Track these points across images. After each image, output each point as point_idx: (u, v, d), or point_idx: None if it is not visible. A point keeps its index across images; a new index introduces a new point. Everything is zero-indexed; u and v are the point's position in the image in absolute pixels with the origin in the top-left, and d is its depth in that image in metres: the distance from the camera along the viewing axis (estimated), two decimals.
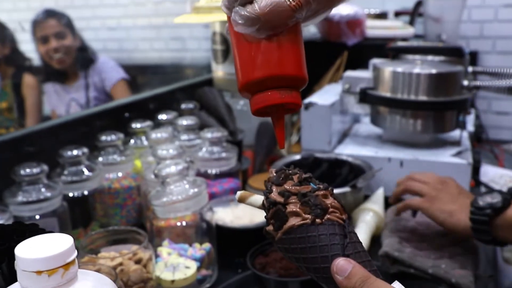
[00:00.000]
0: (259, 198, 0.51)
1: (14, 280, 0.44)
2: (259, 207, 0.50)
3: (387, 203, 1.19)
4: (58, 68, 2.27)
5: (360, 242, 0.49)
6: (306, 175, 0.51)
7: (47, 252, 0.42)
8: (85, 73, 2.32)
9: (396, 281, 0.47)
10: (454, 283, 0.90)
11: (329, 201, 0.49)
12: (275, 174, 0.51)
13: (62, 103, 2.33)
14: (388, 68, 1.36)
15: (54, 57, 2.23)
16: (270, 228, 0.49)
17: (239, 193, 0.52)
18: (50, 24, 2.24)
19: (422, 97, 1.33)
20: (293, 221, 0.47)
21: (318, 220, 0.47)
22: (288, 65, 0.50)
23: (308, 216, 0.47)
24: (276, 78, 0.50)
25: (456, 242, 1.04)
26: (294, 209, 0.47)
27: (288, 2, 0.47)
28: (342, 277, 0.45)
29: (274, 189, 0.49)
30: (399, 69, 1.35)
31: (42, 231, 0.58)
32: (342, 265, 0.45)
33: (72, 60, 2.28)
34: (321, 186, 0.50)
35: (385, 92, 1.38)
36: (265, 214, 0.50)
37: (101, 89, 2.34)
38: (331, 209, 0.48)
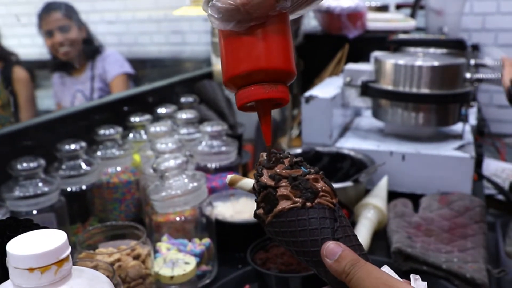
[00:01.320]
0: (249, 182, 0.50)
1: (6, 277, 0.42)
2: (250, 191, 0.50)
3: (390, 197, 1.18)
4: (64, 60, 2.28)
5: (350, 226, 0.49)
6: (297, 158, 0.50)
7: (40, 248, 0.40)
8: (92, 65, 2.33)
9: (385, 265, 0.46)
10: (469, 278, 0.89)
11: (320, 184, 0.48)
12: (265, 158, 0.50)
13: (69, 94, 2.35)
14: (390, 61, 1.35)
15: (59, 50, 2.24)
16: (260, 211, 0.49)
17: (229, 176, 0.52)
18: (54, 17, 2.25)
19: (424, 90, 1.32)
20: (284, 204, 0.47)
21: (308, 204, 0.47)
22: (273, 58, 0.48)
23: (299, 199, 0.47)
24: (259, 72, 0.48)
25: (465, 236, 1.02)
26: (284, 193, 0.47)
27: None
28: (332, 260, 0.45)
29: (264, 172, 0.49)
30: (401, 61, 1.33)
31: (37, 226, 0.56)
32: (332, 248, 0.45)
33: (78, 52, 2.29)
34: (312, 170, 0.49)
35: (386, 85, 1.37)
36: (255, 197, 0.49)
37: (105, 81, 2.36)
38: (321, 193, 0.48)
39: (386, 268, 0.46)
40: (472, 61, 1.57)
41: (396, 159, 1.30)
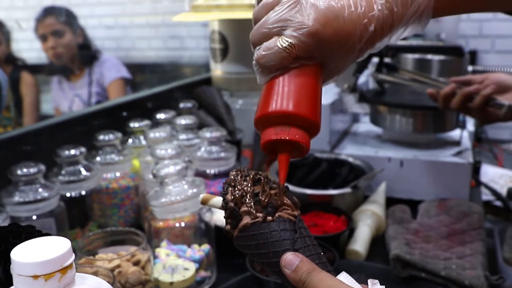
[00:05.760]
0: (219, 200, 0.53)
1: (10, 284, 0.43)
2: (220, 208, 0.52)
3: (388, 203, 1.18)
4: (59, 64, 2.29)
5: (311, 237, 0.51)
6: (260, 175, 0.52)
7: (44, 256, 0.41)
8: (89, 70, 2.34)
9: (343, 272, 0.49)
10: (467, 285, 0.89)
11: (281, 199, 0.51)
12: (231, 177, 0.53)
13: (67, 99, 2.36)
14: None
15: (51, 54, 2.25)
16: (228, 227, 0.52)
17: (201, 196, 0.54)
18: (48, 22, 2.26)
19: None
20: (246, 219, 0.50)
21: (269, 218, 0.49)
22: (287, 103, 0.50)
23: (260, 214, 0.49)
24: (276, 116, 0.51)
25: (463, 243, 1.03)
26: (246, 209, 0.50)
27: (280, 45, 0.49)
28: (290, 270, 0.47)
29: (229, 191, 0.51)
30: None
31: (39, 233, 0.57)
32: (290, 259, 0.47)
33: (71, 57, 2.30)
34: (274, 185, 0.52)
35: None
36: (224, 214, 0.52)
37: (102, 85, 2.37)
38: (282, 207, 0.50)
39: (343, 275, 0.48)
40: (470, 68, 1.58)
41: (394, 165, 1.31)
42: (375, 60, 1.44)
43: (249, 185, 0.51)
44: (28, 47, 2.69)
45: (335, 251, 0.93)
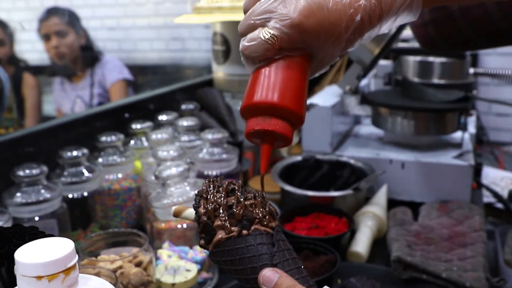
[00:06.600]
0: (193, 212, 0.50)
1: (14, 284, 0.43)
2: (193, 221, 0.49)
3: (389, 205, 1.18)
4: (62, 64, 2.30)
5: (290, 249, 0.48)
6: (234, 185, 0.50)
7: (48, 256, 0.41)
8: (91, 71, 2.35)
9: (325, 286, 0.47)
10: (468, 287, 0.89)
11: (257, 210, 0.48)
12: (203, 187, 0.50)
13: (69, 100, 2.37)
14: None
15: (54, 53, 2.26)
16: (202, 242, 0.49)
17: (173, 208, 0.51)
18: (52, 22, 2.28)
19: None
20: (220, 234, 0.47)
21: (244, 232, 0.47)
22: (272, 94, 0.49)
23: (235, 228, 0.47)
24: (260, 106, 0.49)
25: (464, 245, 1.03)
26: (220, 223, 0.47)
27: (262, 37, 0.48)
28: (269, 287, 0.45)
29: (202, 203, 0.49)
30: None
31: (42, 234, 0.57)
32: (268, 276, 0.45)
33: (74, 58, 2.31)
34: (249, 195, 0.49)
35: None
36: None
37: (104, 87, 2.37)
38: (258, 219, 0.48)
39: None
40: (471, 70, 1.58)
41: (395, 167, 1.31)
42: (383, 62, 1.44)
43: (222, 196, 0.48)
44: (30, 48, 2.70)
45: (336, 253, 0.94)
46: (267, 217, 0.48)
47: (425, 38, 0.93)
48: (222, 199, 0.48)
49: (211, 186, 0.50)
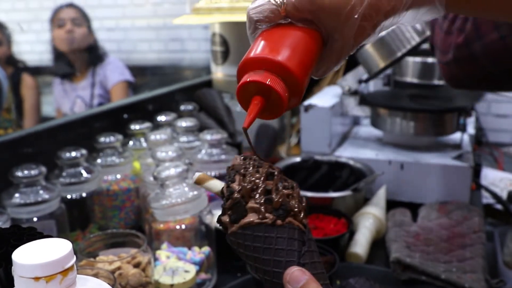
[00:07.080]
0: (218, 184, 0.47)
1: (11, 285, 0.43)
2: (217, 193, 0.47)
3: (388, 206, 1.18)
4: (69, 49, 2.33)
5: (317, 251, 0.46)
6: (274, 170, 0.47)
7: (45, 257, 0.41)
8: (93, 71, 2.36)
9: None
10: None
11: (294, 202, 0.45)
12: (241, 162, 0.47)
13: (69, 100, 2.37)
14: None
15: (65, 39, 2.28)
16: (225, 218, 0.45)
17: (197, 174, 0.48)
18: (70, 10, 2.34)
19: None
20: (252, 217, 0.44)
21: (279, 222, 0.44)
22: (268, 50, 0.46)
23: (270, 215, 0.44)
24: (255, 61, 0.46)
25: (463, 246, 1.03)
26: (255, 205, 0.44)
27: (273, 0, 0.47)
28: (294, 287, 0.42)
29: (237, 179, 0.46)
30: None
31: (40, 235, 0.57)
32: (297, 275, 0.42)
33: (81, 53, 2.33)
34: (288, 184, 0.46)
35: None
36: (222, 202, 0.46)
37: (105, 87, 2.38)
38: (293, 212, 0.45)
39: None
40: None
41: (394, 168, 1.31)
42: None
43: (262, 178, 0.45)
44: (29, 49, 2.70)
45: (335, 254, 0.93)
46: (302, 212, 0.46)
47: (450, 77, 0.96)
48: (261, 181, 0.45)
49: (250, 164, 0.46)
